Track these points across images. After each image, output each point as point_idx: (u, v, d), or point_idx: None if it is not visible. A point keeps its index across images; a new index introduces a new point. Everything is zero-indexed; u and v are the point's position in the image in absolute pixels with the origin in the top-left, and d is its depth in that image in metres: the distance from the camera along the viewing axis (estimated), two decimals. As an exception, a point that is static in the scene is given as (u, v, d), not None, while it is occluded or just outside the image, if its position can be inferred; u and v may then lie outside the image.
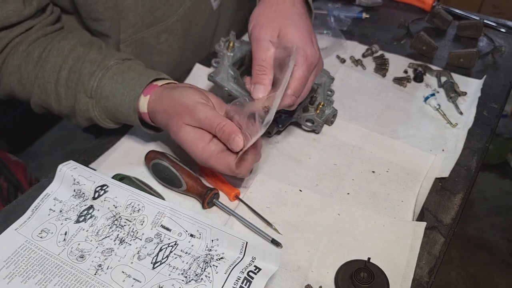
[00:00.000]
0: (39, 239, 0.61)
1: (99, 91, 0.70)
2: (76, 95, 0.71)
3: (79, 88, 0.71)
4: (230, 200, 0.69)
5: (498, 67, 0.99)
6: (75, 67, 0.71)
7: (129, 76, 0.70)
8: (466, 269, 1.80)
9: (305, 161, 0.76)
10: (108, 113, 0.72)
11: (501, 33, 1.11)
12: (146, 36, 0.86)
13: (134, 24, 0.83)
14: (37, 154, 2.00)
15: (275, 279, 0.58)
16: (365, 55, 1.00)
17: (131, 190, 0.64)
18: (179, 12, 0.88)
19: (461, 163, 0.75)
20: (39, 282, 0.56)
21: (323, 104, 0.79)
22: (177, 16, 0.88)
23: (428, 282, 0.58)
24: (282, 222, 0.65)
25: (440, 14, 1.08)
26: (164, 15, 0.85)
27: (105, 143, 0.78)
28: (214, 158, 0.63)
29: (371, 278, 0.56)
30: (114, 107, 0.70)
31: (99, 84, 0.70)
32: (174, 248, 0.59)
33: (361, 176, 0.73)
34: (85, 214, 0.63)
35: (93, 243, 0.60)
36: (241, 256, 0.57)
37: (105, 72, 0.70)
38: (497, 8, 2.08)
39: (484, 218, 2.01)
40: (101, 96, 0.70)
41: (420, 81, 0.94)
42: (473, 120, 0.82)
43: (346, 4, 1.19)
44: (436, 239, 0.63)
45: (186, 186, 0.67)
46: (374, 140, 0.79)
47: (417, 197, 0.70)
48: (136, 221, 0.62)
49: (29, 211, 0.64)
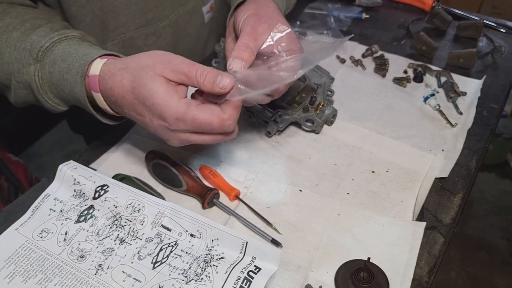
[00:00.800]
0: (40, 239, 0.61)
1: (47, 54, 0.61)
2: (22, 58, 0.62)
3: (26, 48, 0.61)
4: (230, 200, 0.69)
5: (498, 67, 0.99)
6: (31, 31, 0.63)
7: (90, 47, 0.62)
8: (465, 269, 1.81)
9: (305, 161, 0.76)
10: (51, 82, 0.62)
11: (500, 33, 1.11)
12: (134, 37, 0.85)
13: (124, 23, 0.82)
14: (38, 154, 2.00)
15: (275, 279, 0.58)
16: (365, 55, 1.00)
17: (131, 190, 0.64)
18: (171, 18, 0.88)
19: (461, 163, 0.75)
20: (40, 282, 0.56)
21: (323, 104, 0.79)
22: (168, 21, 0.87)
23: (428, 282, 0.58)
24: (282, 222, 0.66)
25: (440, 15, 1.08)
26: (155, 18, 0.85)
27: (106, 143, 0.78)
28: (193, 109, 0.54)
29: (371, 278, 0.56)
30: (59, 73, 0.60)
31: (51, 47, 0.61)
32: (174, 248, 0.59)
33: (361, 176, 0.73)
34: (85, 214, 0.63)
35: (94, 243, 0.61)
36: (241, 256, 0.57)
37: (62, 38, 0.62)
38: (496, 8, 2.08)
39: (484, 218, 2.01)
40: (49, 60, 0.61)
41: (420, 81, 0.94)
42: (473, 120, 0.82)
43: (346, 5, 1.19)
44: (435, 239, 0.64)
45: (186, 186, 0.67)
46: (374, 140, 0.80)
47: (417, 197, 0.70)
48: (137, 221, 0.62)
49: (29, 211, 0.64)
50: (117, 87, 0.57)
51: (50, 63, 0.61)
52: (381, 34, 1.09)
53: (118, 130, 0.79)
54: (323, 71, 0.86)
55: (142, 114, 0.57)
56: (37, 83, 0.62)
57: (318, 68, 0.86)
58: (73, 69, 0.59)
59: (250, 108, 0.79)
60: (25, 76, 0.62)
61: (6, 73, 0.64)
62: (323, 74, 0.85)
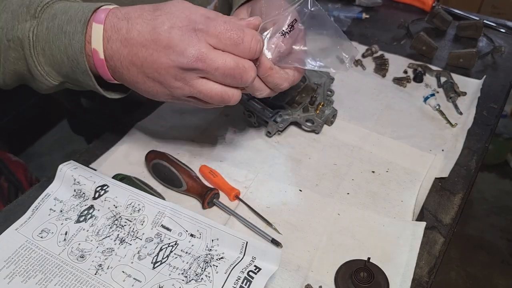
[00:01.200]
0: (40, 239, 0.61)
1: (47, 10, 0.56)
2: (19, 15, 0.56)
3: (24, 4, 0.56)
4: (230, 200, 0.69)
5: (498, 67, 1.00)
6: None
7: (94, 4, 0.56)
8: (466, 269, 1.81)
9: (305, 161, 0.76)
10: (46, 41, 0.56)
11: (500, 33, 1.11)
12: None
13: None
14: (38, 154, 2.01)
15: (275, 279, 0.58)
16: (365, 55, 1.00)
17: (131, 190, 0.64)
18: None
19: (461, 163, 0.75)
20: (40, 282, 0.56)
21: (323, 104, 0.79)
22: None
23: (428, 282, 0.58)
24: (282, 222, 0.66)
25: (440, 15, 1.08)
26: None
27: (106, 143, 0.78)
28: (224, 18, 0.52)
29: (371, 278, 0.56)
30: (58, 27, 0.55)
31: (51, 3, 0.56)
32: (174, 248, 0.59)
33: (361, 176, 0.73)
34: (85, 214, 0.63)
35: (94, 243, 0.61)
36: (241, 256, 0.57)
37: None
38: (496, 8, 2.08)
39: (484, 218, 2.01)
40: (47, 16, 0.56)
41: (420, 81, 0.94)
42: (473, 120, 0.82)
43: (346, 4, 1.19)
44: (436, 239, 0.64)
45: (186, 186, 0.67)
46: (374, 140, 0.80)
47: (417, 197, 0.70)
48: (137, 221, 0.62)
49: (29, 211, 0.64)
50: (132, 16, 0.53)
51: (49, 19, 0.56)
52: (381, 34, 1.09)
53: (118, 131, 0.79)
54: (323, 71, 0.86)
55: (154, 49, 0.52)
56: (30, 39, 0.56)
57: (318, 68, 0.86)
58: (75, 18, 0.54)
59: (250, 108, 0.79)
60: (19, 32, 0.56)
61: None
62: (323, 74, 0.85)
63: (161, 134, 0.79)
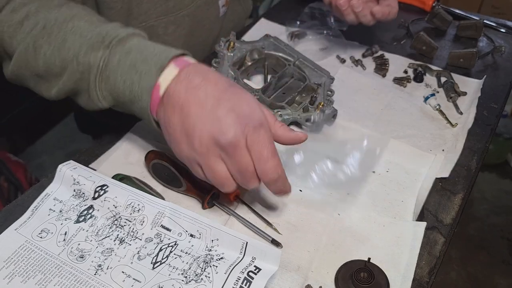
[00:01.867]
0: (39, 239, 0.61)
1: (121, 43, 0.60)
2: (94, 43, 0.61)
3: (100, 33, 0.61)
4: (230, 200, 0.68)
5: (498, 67, 0.99)
6: (100, 23, 0.63)
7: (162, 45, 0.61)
8: (466, 269, 1.81)
9: (305, 161, 0.75)
10: (113, 71, 0.60)
11: (501, 33, 1.11)
12: (155, 25, 0.88)
13: (146, 11, 0.85)
14: (37, 154, 2.01)
15: (275, 279, 0.58)
16: (365, 55, 1.00)
17: (131, 190, 0.64)
18: (190, 7, 0.91)
19: (461, 163, 0.75)
20: (39, 282, 0.56)
21: (323, 104, 0.79)
22: (187, 11, 0.91)
23: (428, 282, 0.58)
24: (282, 222, 0.65)
25: (440, 14, 1.08)
26: (176, 6, 0.88)
27: (105, 143, 0.78)
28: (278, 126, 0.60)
29: (371, 278, 0.56)
30: (130, 63, 0.59)
31: (126, 38, 0.61)
32: (174, 248, 0.59)
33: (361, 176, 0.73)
34: (85, 214, 0.63)
35: (93, 243, 0.60)
36: (241, 256, 0.57)
37: (136, 33, 0.62)
38: (497, 8, 2.08)
39: (484, 218, 2.01)
40: (121, 50, 0.60)
41: (420, 81, 0.94)
42: (473, 120, 0.82)
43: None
44: (436, 239, 0.63)
45: (186, 186, 0.67)
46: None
47: (417, 197, 0.70)
48: (136, 221, 0.62)
49: (29, 211, 0.64)
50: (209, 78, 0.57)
51: (122, 52, 0.60)
52: (381, 34, 1.08)
53: (118, 131, 0.79)
54: (323, 71, 0.86)
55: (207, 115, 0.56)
56: (100, 67, 0.60)
57: (318, 68, 0.86)
58: (151, 61, 0.58)
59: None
60: (91, 59, 0.61)
61: (62, 60, 0.62)
62: (323, 74, 0.85)
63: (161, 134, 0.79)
